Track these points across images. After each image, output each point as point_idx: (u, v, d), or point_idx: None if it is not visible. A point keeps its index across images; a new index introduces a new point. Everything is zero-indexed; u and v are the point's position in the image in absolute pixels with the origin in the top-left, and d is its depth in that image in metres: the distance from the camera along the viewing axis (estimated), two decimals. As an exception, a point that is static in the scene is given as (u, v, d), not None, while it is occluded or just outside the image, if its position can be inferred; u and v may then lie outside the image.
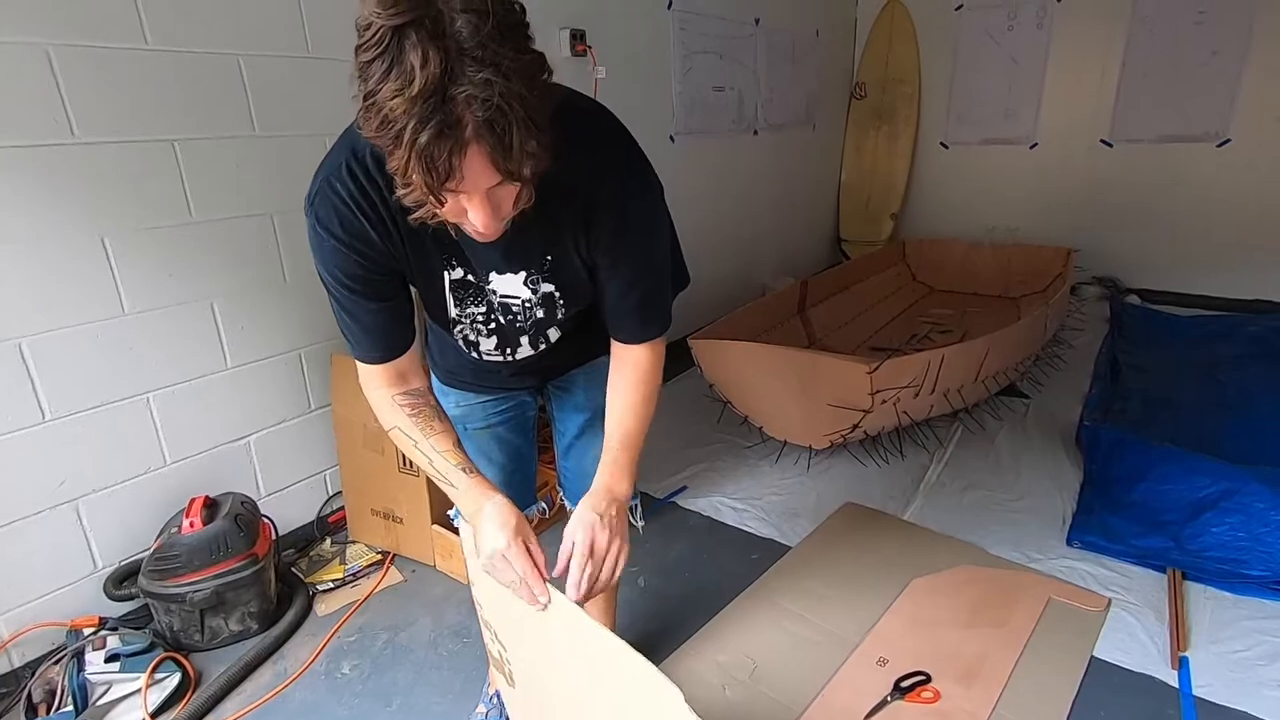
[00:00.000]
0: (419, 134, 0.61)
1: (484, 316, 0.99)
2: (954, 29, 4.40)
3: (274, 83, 1.83)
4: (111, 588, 1.71)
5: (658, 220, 0.97)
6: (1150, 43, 3.83)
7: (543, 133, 0.67)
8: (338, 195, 0.83)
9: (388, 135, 0.63)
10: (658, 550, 2.04)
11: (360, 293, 0.90)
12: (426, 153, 0.62)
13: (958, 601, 1.76)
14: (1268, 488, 1.83)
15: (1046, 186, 4.36)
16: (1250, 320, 3.52)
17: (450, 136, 0.62)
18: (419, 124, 0.61)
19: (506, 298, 0.97)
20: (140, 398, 1.73)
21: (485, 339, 1.02)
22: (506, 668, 1.08)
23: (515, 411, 1.26)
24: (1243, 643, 1.59)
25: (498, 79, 0.61)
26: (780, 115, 4.10)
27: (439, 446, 0.97)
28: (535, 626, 0.92)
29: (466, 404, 1.22)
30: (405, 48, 0.60)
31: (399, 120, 0.61)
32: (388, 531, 2.04)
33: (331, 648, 1.73)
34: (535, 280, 0.95)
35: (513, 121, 0.63)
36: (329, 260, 0.88)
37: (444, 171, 0.64)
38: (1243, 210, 3.82)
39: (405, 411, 0.98)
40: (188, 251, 1.76)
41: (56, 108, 1.50)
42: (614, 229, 0.91)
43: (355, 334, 0.95)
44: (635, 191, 0.92)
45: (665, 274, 1.04)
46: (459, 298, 0.97)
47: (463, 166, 0.65)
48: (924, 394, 2.29)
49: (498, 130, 0.63)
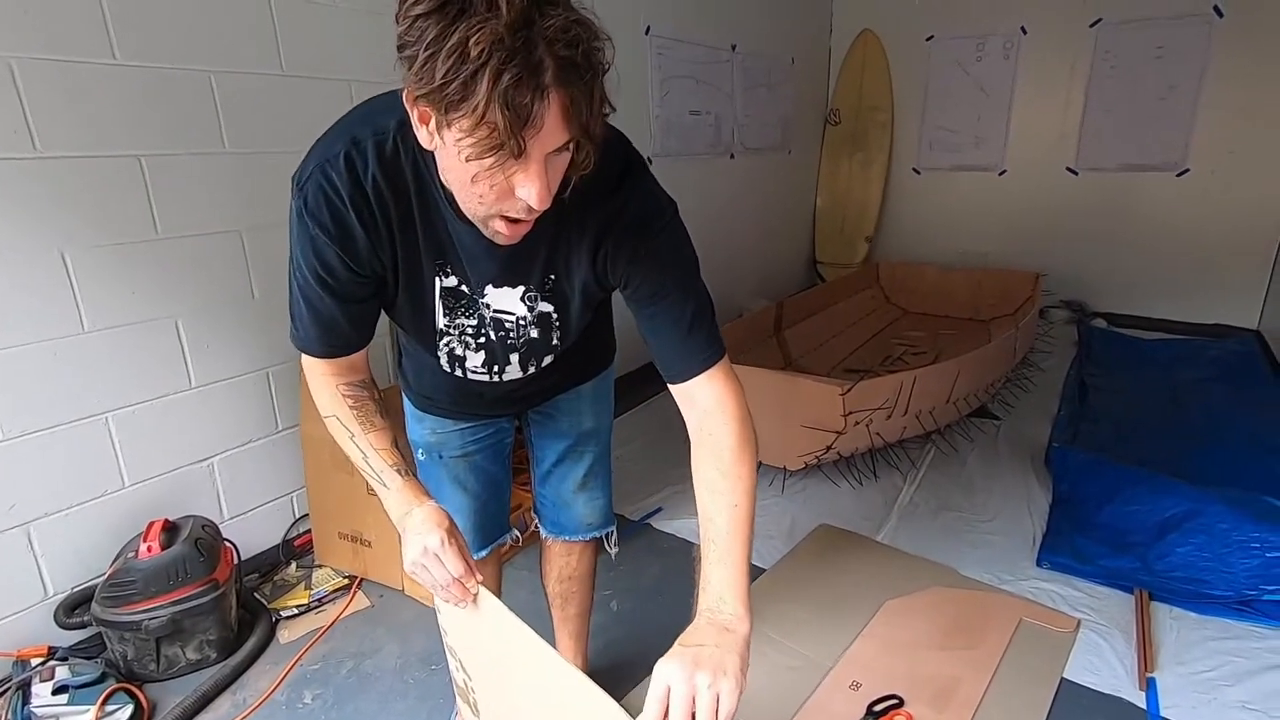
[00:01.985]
0: (504, 71, 0.58)
1: (474, 329, 0.95)
2: (925, 59, 4.51)
3: (245, 100, 1.82)
4: (62, 616, 1.64)
5: (681, 238, 0.91)
6: (1112, 76, 3.97)
7: (607, 105, 0.66)
8: (330, 184, 0.78)
9: (464, 78, 0.59)
10: (632, 573, 2.02)
11: (330, 287, 0.85)
12: (511, 91, 0.59)
13: (931, 624, 1.76)
14: (1230, 509, 1.87)
15: (1015, 212, 4.46)
16: (1211, 344, 3.62)
17: (534, 78, 0.59)
18: (504, 59, 0.58)
19: (500, 313, 0.93)
20: (99, 418, 1.68)
21: (473, 354, 0.98)
22: (471, 697, 1.06)
23: (494, 439, 1.22)
24: (1207, 663, 1.61)
25: (580, 23, 0.61)
26: (756, 139, 4.16)
27: (375, 444, 0.93)
28: (497, 655, 0.90)
29: (443, 431, 1.17)
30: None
31: (480, 58, 0.58)
32: (355, 555, 1.99)
33: (293, 676, 1.67)
34: (534, 298, 0.92)
35: (594, 71, 0.62)
36: (306, 248, 0.83)
37: (525, 116, 0.61)
38: (1202, 237, 3.94)
39: (348, 403, 0.93)
40: (152, 268, 1.72)
41: (18, 121, 1.47)
42: (633, 259, 0.86)
43: (308, 326, 0.89)
44: (654, 218, 0.88)
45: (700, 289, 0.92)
46: (449, 307, 0.92)
47: (543, 113, 0.61)
48: (896, 415, 2.31)
49: (583, 77, 0.62)
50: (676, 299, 0.89)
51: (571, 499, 1.30)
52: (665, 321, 0.89)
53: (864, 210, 4.85)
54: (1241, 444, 2.47)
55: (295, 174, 0.81)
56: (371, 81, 2.05)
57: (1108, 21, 3.91)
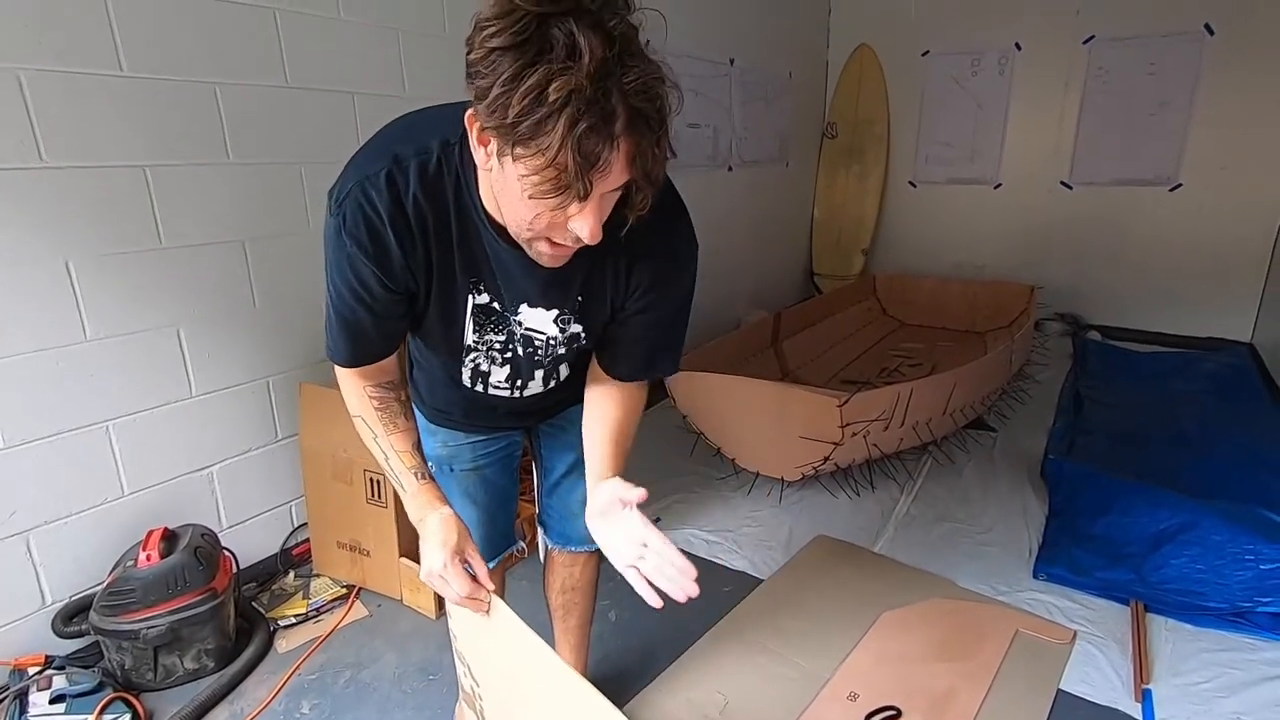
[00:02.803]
0: (579, 119, 0.60)
1: (501, 345, 0.96)
2: (921, 73, 4.56)
3: (250, 111, 1.83)
4: (60, 624, 1.64)
5: (690, 284, 0.99)
6: (1105, 92, 4.02)
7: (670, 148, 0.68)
8: (370, 204, 0.79)
9: (533, 118, 0.60)
10: (629, 583, 2.02)
11: (365, 303, 0.86)
12: (586, 139, 0.61)
13: (928, 635, 1.77)
14: (1225, 521, 1.88)
15: (1010, 225, 4.50)
16: (1206, 356, 3.64)
17: (608, 126, 0.62)
18: (581, 108, 0.59)
19: (532, 331, 0.95)
20: (99, 426, 1.68)
21: (498, 369, 0.99)
22: (478, 704, 1.06)
23: (505, 452, 1.23)
24: (1203, 675, 1.62)
25: (656, 76, 0.63)
26: (754, 152, 4.19)
27: (397, 446, 0.95)
28: (507, 664, 0.91)
29: (455, 444, 1.18)
30: (556, 34, 0.59)
31: (555, 104, 0.59)
32: (354, 564, 1.99)
33: (291, 686, 1.67)
34: (566, 320, 0.94)
35: (664, 122, 0.64)
36: (343, 265, 0.83)
37: (594, 162, 0.63)
38: (1195, 251, 3.98)
39: (373, 404, 0.96)
40: (155, 277, 1.73)
41: (25, 132, 1.48)
42: (653, 284, 0.92)
43: (341, 339, 0.91)
44: (686, 257, 0.94)
45: (684, 328, 1.04)
46: (479, 324, 0.93)
47: (609, 158, 0.64)
48: (894, 427, 2.32)
49: (653, 128, 0.64)
50: (664, 324, 0.98)
51: (579, 510, 1.30)
52: (635, 334, 0.98)
53: (861, 223, 4.89)
54: (1235, 456, 2.48)
55: (332, 189, 0.81)
56: (375, 94, 2.07)
57: (1100, 38, 3.96)
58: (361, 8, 2.02)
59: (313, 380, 2.00)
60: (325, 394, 1.91)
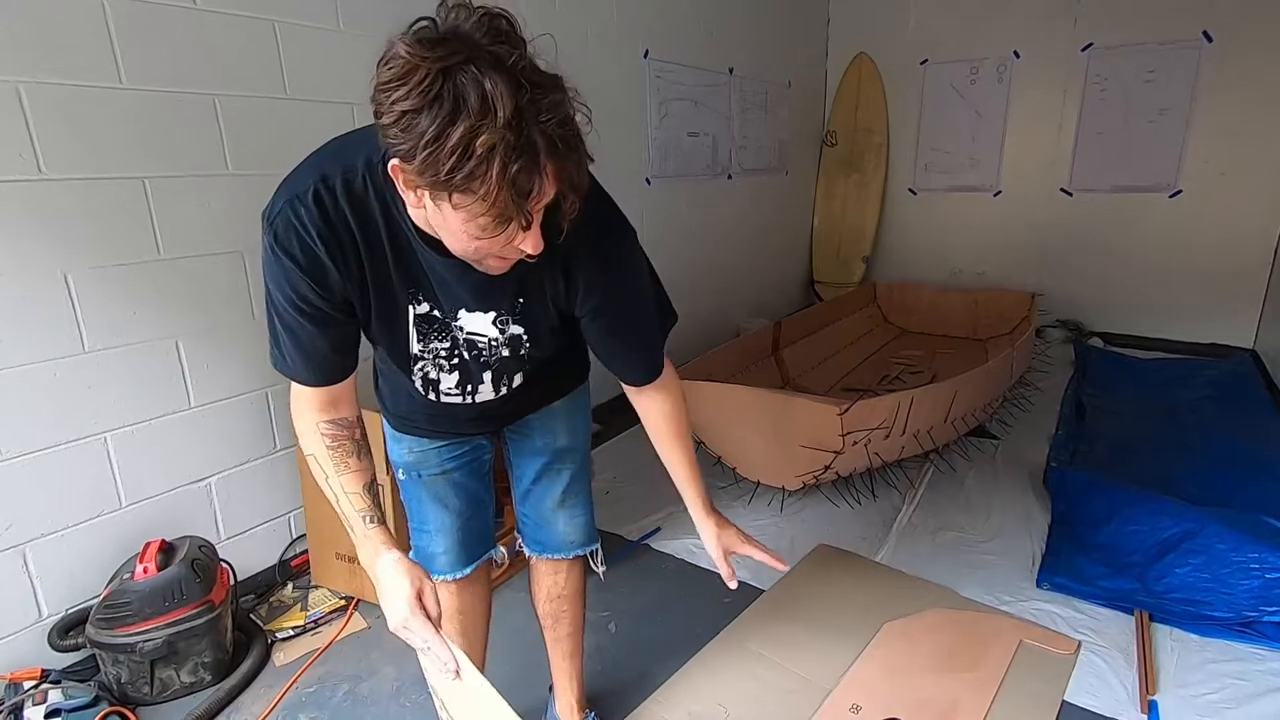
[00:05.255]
0: (508, 164, 0.63)
1: (447, 352, 0.98)
2: (920, 82, 4.58)
3: (249, 122, 1.84)
4: (56, 638, 1.63)
5: (638, 263, 1.01)
6: (1104, 99, 4.03)
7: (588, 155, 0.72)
8: (300, 221, 0.82)
9: (464, 170, 0.63)
10: (630, 594, 2.01)
11: (308, 314, 0.88)
12: (519, 179, 0.65)
13: (931, 646, 1.75)
14: (1229, 529, 1.87)
15: (1011, 232, 4.50)
16: (1209, 364, 3.64)
17: (534, 160, 0.65)
18: (508, 154, 0.63)
19: (473, 335, 0.97)
20: (97, 438, 1.68)
21: (446, 375, 1.01)
22: None
23: (471, 456, 1.23)
24: (1209, 685, 1.60)
25: (562, 98, 0.65)
26: (753, 161, 4.20)
27: (348, 487, 0.95)
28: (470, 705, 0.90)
29: (420, 450, 1.19)
30: (464, 84, 0.61)
31: (484, 156, 0.62)
32: (352, 576, 1.98)
33: (289, 699, 1.66)
34: (504, 321, 0.96)
35: (575, 142, 0.68)
36: (280, 279, 0.86)
37: (525, 192, 0.67)
38: (1196, 258, 3.97)
39: (325, 441, 0.96)
40: (154, 289, 1.73)
41: (24, 145, 1.49)
42: (592, 286, 0.93)
43: (291, 354, 0.92)
44: (616, 247, 0.95)
45: (655, 312, 1.07)
46: (422, 332, 0.96)
47: (541, 186, 0.68)
48: (895, 435, 2.31)
49: (571, 146, 0.67)
50: (629, 313, 1.01)
51: (552, 516, 1.31)
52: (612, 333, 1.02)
53: (861, 231, 4.89)
54: (1239, 464, 2.47)
55: (265, 210, 0.84)
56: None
57: (1099, 46, 3.98)
58: (360, 20, 2.03)
59: (311, 391, 1.99)
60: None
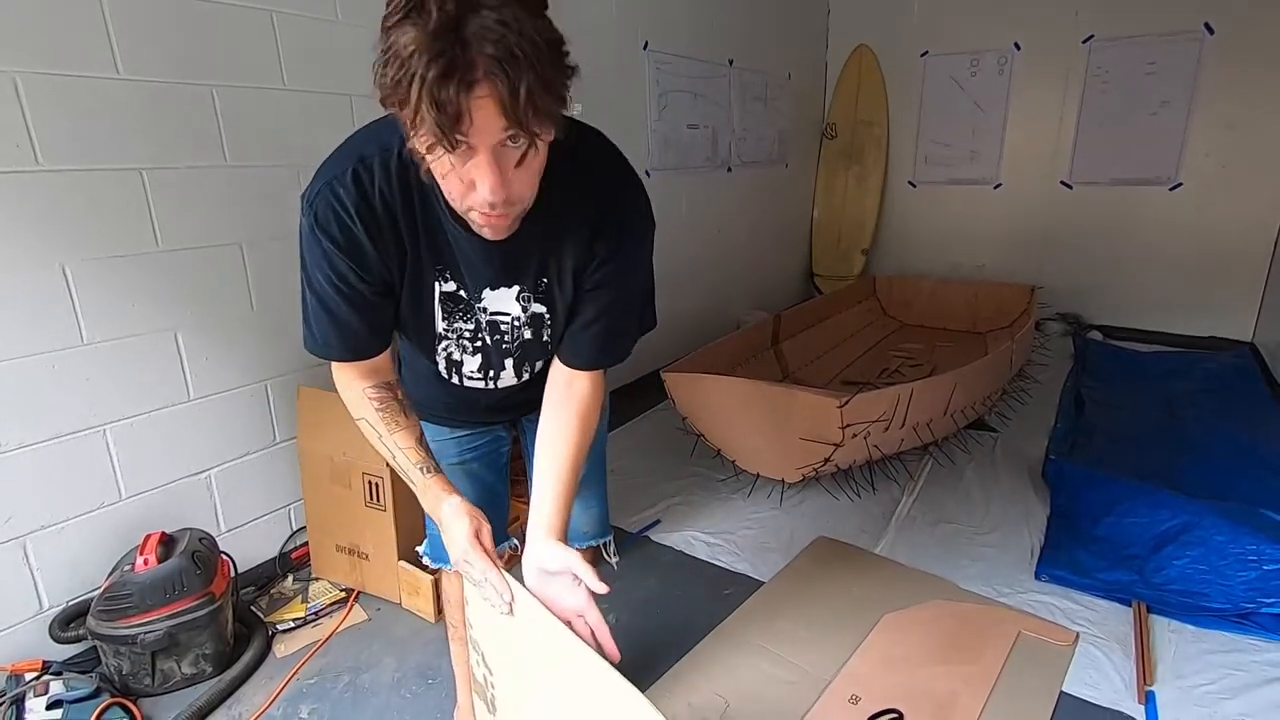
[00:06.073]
0: (430, 69, 0.62)
1: (470, 334, 0.99)
2: (920, 74, 4.56)
3: (247, 114, 1.83)
4: (57, 629, 1.63)
5: (646, 258, 1.01)
6: (1104, 91, 4.01)
7: (555, 98, 0.68)
8: (339, 201, 0.83)
9: (402, 81, 0.63)
10: (629, 586, 2.02)
11: (345, 295, 0.89)
12: (436, 89, 0.63)
13: (929, 637, 1.76)
14: (1226, 521, 1.88)
15: (1010, 225, 4.49)
16: (1208, 357, 3.64)
17: (459, 72, 0.63)
18: (430, 59, 0.62)
19: (497, 315, 0.97)
20: (96, 430, 1.68)
21: (470, 357, 1.02)
22: (489, 693, 1.05)
23: (490, 447, 1.24)
24: (1206, 676, 1.61)
25: (511, 23, 0.63)
26: (753, 153, 4.19)
27: (401, 443, 0.97)
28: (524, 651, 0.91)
29: (440, 439, 1.20)
30: (427, 2, 0.62)
31: (412, 61, 0.62)
32: (352, 568, 1.98)
33: (290, 691, 1.66)
34: (527, 298, 0.96)
35: (523, 66, 0.64)
36: (320, 260, 0.87)
37: (453, 112, 0.64)
38: (1195, 251, 3.97)
39: (373, 405, 0.97)
40: (153, 281, 1.72)
41: (21, 135, 1.48)
42: (607, 257, 0.93)
43: (328, 333, 0.93)
44: (637, 225, 0.95)
45: (638, 310, 1.06)
46: (447, 311, 0.96)
47: (471, 108, 0.65)
48: (894, 428, 2.31)
49: (508, 72, 0.64)
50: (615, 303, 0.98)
51: None
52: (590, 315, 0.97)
53: (860, 223, 4.88)
54: (1237, 457, 2.47)
55: (304, 193, 0.86)
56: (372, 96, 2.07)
57: (1100, 38, 3.96)
58: (359, 10, 2.01)
59: (311, 383, 1.99)
60: (323, 397, 1.91)
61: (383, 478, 1.84)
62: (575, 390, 1.01)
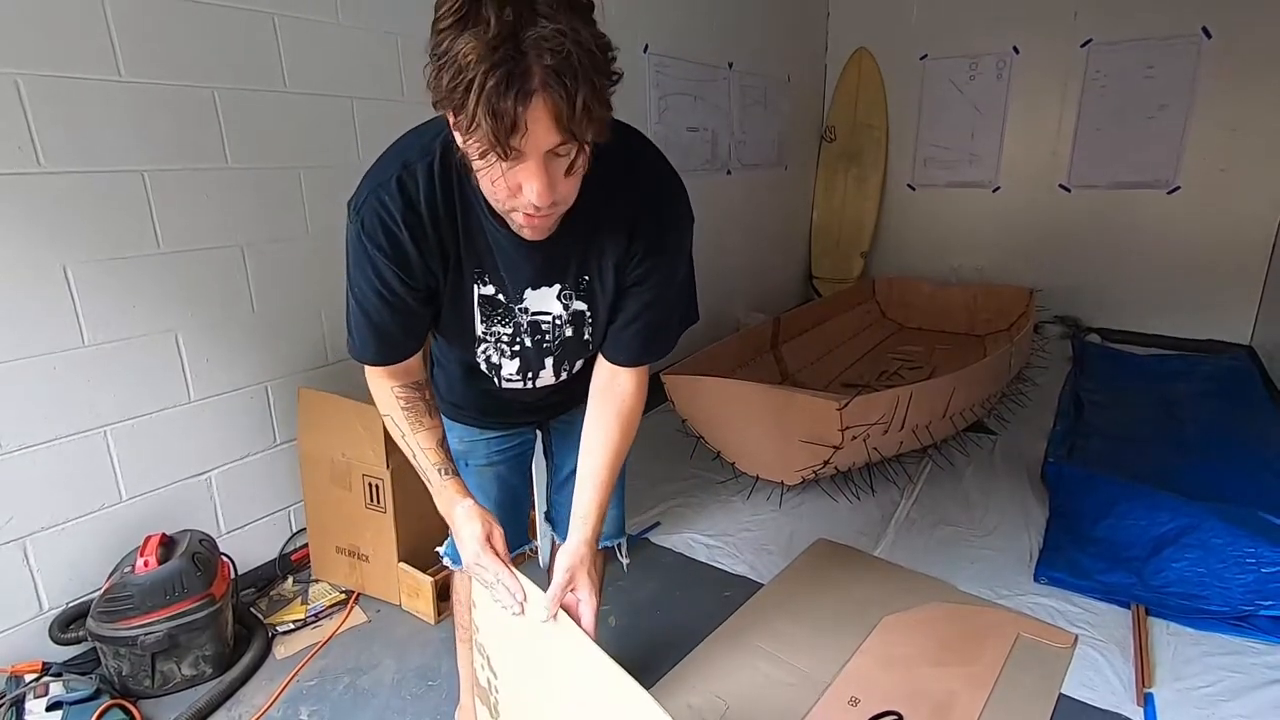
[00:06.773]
0: (488, 79, 0.63)
1: (509, 337, 0.99)
2: (919, 77, 4.57)
3: (249, 116, 1.83)
4: (57, 631, 1.63)
5: (686, 253, 1.03)
6: (1103, 95, 4.03)
7: (605, 106, 0.69)
8: (385, 208, 0.84)
9: (459, 87, 0.64)
10: (629, 588, 2.02)
11: (388, 302, 0.90)
12: (494, 98, 0.63)
13: (928, 639, 1.76)
14: (1225, 524, 1.88)
15: (1009, 228, 4.50)
16: (1205, 360, 3.64)
17: (518, 83, 0.64)
18: (490, 69, 0.62)
19: (538, 315, 0.97)
20: (97, 431, 1.68)
21: (508, 361, 1.02)
22: (492, 698, 1.06)
23: (518, 450, 1.26)
24: (1205, 679, 1.61)
25: (568, 33, 0.64)
26: (753, 156, 4.20)
27: (423, 444, 0.99)
28: (534, 652, 0.91)
29: (470, 439, 1.21)
30: (482, 6, 0.63)
31: (470, 69, 0.63)
32: (352, 570, 1.98)
33: (290, 692, 1.66)
34: (569, 296, 0.97)
35: (579, 76, 0.65)
36: (365, 267, 0.88)
37: (509, 122, 0.65)
38: (1194, 254, 3.98)
39: (400, 404, 0.99)
40: (154, 283, 1.73)
41: (23, 137, 1.48)
42: (647, 253, 0.94)
43: (367, 338, 0.95)
44: (676, 220, 0.97)
45: (679, 304, 1.07)
46: (486, 315, 0.97)
47: (528, 117, 0.66)
48: (893, 430, 2.32)
49: (565, 82, 0.65)
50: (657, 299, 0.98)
51: None
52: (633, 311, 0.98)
53: (859, 226, 4.89)
54: (1235, 459, 2.48)
55: (350, 200, 0.87)
56: (374, 99, 2.07)
57: (1098, 42, 3.97)
58: (360, 13, 2.02)
59: (311, 385, 1.99)
60: (324, 399, 1.91)
61: (382, 479, 1.84)
62: (618, 387, 1.03)
